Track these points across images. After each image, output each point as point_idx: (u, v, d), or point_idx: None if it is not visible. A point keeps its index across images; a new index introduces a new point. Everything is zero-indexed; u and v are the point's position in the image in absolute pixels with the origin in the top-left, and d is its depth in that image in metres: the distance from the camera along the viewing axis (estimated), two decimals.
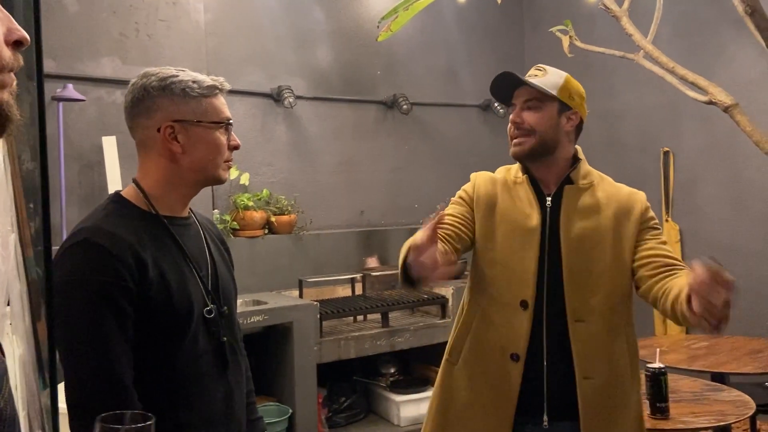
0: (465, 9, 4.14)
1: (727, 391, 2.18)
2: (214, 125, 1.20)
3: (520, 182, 1.58)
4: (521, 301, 1.50)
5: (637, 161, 3.86)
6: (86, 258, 1.06)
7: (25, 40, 0.62)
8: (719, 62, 3.42)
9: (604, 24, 3.56)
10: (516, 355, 1.49)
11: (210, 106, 1.20)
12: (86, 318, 1.05)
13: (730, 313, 1.22)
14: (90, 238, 1.07)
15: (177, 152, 1.17)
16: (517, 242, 1.52)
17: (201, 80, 1.20)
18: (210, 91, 1.20)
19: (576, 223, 1.50)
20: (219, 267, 1.26)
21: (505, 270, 1.53)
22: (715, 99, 2.03)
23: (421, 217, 4.18)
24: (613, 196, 1.54)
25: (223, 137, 1.21)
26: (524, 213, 1.53)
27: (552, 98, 1.50)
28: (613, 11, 2.34)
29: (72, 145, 3.08)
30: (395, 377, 3.49)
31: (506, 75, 1.54)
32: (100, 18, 3.17)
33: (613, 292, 1.50)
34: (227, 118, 1.22)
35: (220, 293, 1.23)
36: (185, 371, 1.14)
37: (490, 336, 1.54)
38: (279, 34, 3.69)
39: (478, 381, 1.55)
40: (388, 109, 4.04)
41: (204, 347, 1.17)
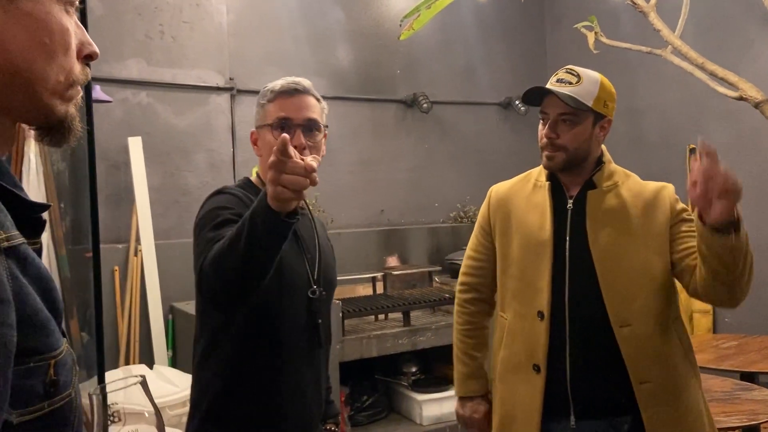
0: (485, 7, 4.12)
1: (758, 391, 2.15)
2: (266, 127, 1.31)
3: (540, 186, 1.56)
4: (538, 311, 1.49)
5: (661, 158, 3.81)
6: (217, 198, 1.27)
7: (96, 54, 0.64)
8: (745, 58, 3.36)
9: (628, 20, 3.52)
10: (537, 366, 1.48)
11: (270, 109, 1.32)
12: (209, 220, 1.22)
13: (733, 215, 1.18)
14: (222, 189, 1.29)
15: (259, 155, 1.34)
16: (531, 254, 1.52)
17: (273, 86, 1.32)
18: (273, 95, 1.31)
19: (603, 228, 1.48)
20: (326, 257, 1.38)
21: (521, 282, 1.54)
22: (746, 95, 2.00)
23: (440, 216, 4.20)
24: (638, 194, 1.51)
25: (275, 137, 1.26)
26: (537, 224, 1.52)
27: (587, 110, 1.47)
28: (641, 6, 2.32)
29: (98, 146, 3.10)
30: (417, 376, 3.49)
31: (538, 88, 1.49)
32: (125, 20, 3.21)
33: (655, 290, 1.47)
34: (279, 118, 1.30)
35: (322, 278, 1.34)
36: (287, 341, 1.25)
37: (516, 349, 1.54)
38: (299, 34, 3.71)
39: (509, 394, 1.56)
40: (407, 108, 4.04)
41: (304, 325, 1.28)
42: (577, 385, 1.46)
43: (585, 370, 1.46)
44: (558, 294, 1.48)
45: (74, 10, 0.62)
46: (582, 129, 1.47)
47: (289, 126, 1.28)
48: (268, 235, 1.03)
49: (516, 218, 1.56)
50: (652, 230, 1.48)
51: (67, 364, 0.58)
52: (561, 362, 1.47)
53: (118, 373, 2.63)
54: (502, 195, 1.62)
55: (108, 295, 3.02)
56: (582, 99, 1.45)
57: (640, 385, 1.43)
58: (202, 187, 3.36)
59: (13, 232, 0.55)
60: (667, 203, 1.50)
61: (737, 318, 3.48)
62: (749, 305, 3.95)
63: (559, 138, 1.47)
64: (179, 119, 3.34)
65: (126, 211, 3.15)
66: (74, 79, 0.62)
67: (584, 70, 1.51)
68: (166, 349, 3.07)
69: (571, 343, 1.46)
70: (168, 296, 3.12)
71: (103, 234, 3.12)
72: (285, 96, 1.30)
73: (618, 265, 1.46)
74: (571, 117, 1.46)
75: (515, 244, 1.55)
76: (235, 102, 3.49)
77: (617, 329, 1.44)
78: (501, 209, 1.60)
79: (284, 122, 1.29)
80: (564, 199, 1.53)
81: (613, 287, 1.45)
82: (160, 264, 3.10)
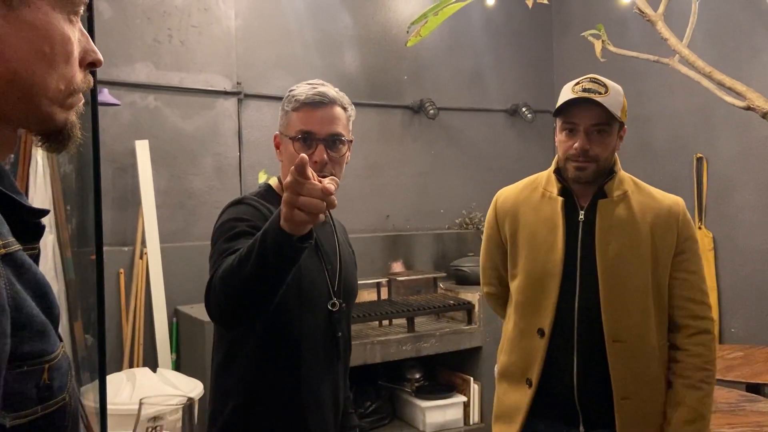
0: (492, 13, 4.13)
1: (764, 402, 2.13)
2: (290, 139, 1.28)
3: (550, 198, 1.54)
4: (538, 329, 1.50)
5: (669, 167, 3.79)
6: (235, 208, 1.25)
7: (99, 62, 0.64)
8: (753, 67, 3.35)
9: (635, 28, 3.52)
10: (529, 380, 1.51)
11: (293, 120, 1.28)
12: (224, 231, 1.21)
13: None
14: (241, 199, 1.28)
15: (281, 160, 1.33)
16: (539, 271, 1.51)
17: (299, 94, 1.28)
18: (297, 104, 1.27)
19: (612, 240, 1.47)
20: (346, 266, 1.35)
21: (524, 297, 1.54)
22: (754, 105, 1.98)
23: (446, 223, 4.19)
24: (649, 207, 1.50)
25: (296, 151, 1.26)
26: (548, 242, 1.50)
27: (617, 121, 1.47)
28: (648, 15, 2.31)
29: (105, 148, 3.14)
30: (420, 383, 3.48)
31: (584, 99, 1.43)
32: (134, 24, 3.23)
33: (651, 308, 1.47)
34: (300, 132, 1.27)
35: (342, 290, 1.32)
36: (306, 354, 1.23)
37: (513, 359, 1.56)
38: (307, 39, 3.72)
39: (504, 396, 1.59)
40: (414, 114, 4.04)
41: (323, 338, 1.26)
42: (585, 398, 1.46)
43: (593, 384, 1.46)
44: (565, 311, 1.48)
45: (78, 18, 0.62)
46: (611, 139, 1.48)
47: (311, 140, 1.25)
48: (277, 257, 0.99)
49: (525, 231, 1.55)
50: (660, 248, 1.48)
51: (62, 368, 0.58)
52: (566, 376, 1.47)
53: (121, 376, 2.64)
54: (510, 203, 1.60)
55: (113, 298, 3.03)
56: (614, 109, 1.45)
57: (621, 401, 1.44)
58: (209, 191, 3.37)
59: (9, 239, 0.56)
60: (675, 227, 1.49)
61: (744, 328, 3.45)
62: (756, 316, 3.93)
63: (591, 149, 1.45)
64: (186, 123, 3.35)
65: (132, 214, 3.16)
66: (75, 87, 0.62)
67: (607, 80, 1.50)
68: (170, 352, 3.07)
69: (578, 358, 1.46)
70: (173, 299, 3.13)
71: (109, 237, 3.14)
72: (309, 108, 1.26)
73: (621, 280, 1.46)
74: (604, 128, 1.46)
75: (523, 257, 1.54)
76: (242, 106, 3.50)
77: (609, 343, 1.44)
78: (509, 218, 1.59)
79: (307, 136, 1.25)
80: (575, 210, 1.51)
81: (612, 302, 1.45)
82: (166, 267, 3.11)
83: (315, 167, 1.23)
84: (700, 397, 1.45)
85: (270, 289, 1.04)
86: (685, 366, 1.47)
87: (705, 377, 1.46)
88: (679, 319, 1.50)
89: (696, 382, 1.46)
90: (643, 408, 1.46)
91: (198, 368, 2.80)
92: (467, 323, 3.38)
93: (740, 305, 3.46)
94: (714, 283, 3.52)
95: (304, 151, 1.25)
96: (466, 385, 3.40)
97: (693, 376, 1.46)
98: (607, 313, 1.44)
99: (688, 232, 1.51)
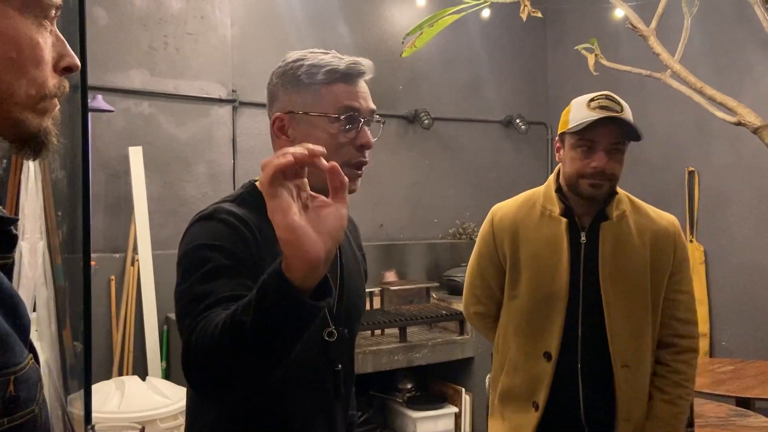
0: (487, 25, 4.15)
1: (753, 417, 2.13)
2: (326, 117, 1.00)
3: (551, 217, 1.50)
4: (544, 352, 1.47)
5: (661, 180, 3.81)
6: (206, 228, 0.98)
7: (76, 67, 0.63)
8: (746, 82, 3.38)
9: (629, 42, 3.54)
10: (536, 404, 1.49)
11: (328, 94, 1.01)
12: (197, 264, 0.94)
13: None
14: (212, 213, 0.99)
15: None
16: (543, 293, 1.47)
17: (327, 63, 1.02)
18: (329, 75, 1.01)
19: (615, 262, 1.46)
20: (351, 282, 1.07)
21: (528, 319, 1.50)
22: (744, 120, 2.00)
23: (440, 232, 4.19)
24: (647, 228, 1.49)
25: (339, 132, 1.01)
26: (551, 264, 1.47)
27: (632, 137, 1.46)
28: (641, 30, 2.33)
29: (99, 155, 3.13)
30: (412, 393, 3.47)
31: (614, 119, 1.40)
32: (129, 31, 3.23)
33: (649, 331, 1.48)
34: (347, 108, 1.01)
35: (344, 314, 1.05)
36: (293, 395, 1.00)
37: (517, 382, 1.52)
38: (303, 48, 3.71)
39: (506, 421, 1.56)
40: (409, 124, 4.05)
41: (315, 373, 1.02)
42: (592, 421, 1.47)
43: (598, 407, 1.47)
44: (570, 334, 1.46)
45: (52, 22, 0.61)
46: (623, 157, 1.47)
47: (356, 120, 1.01)
48: (285, 325, 0.72)
49: (527, 251, 1.50)
50: (657, 273, 1.49)
51: (30, 379, 0.57)
52: (573, 402, 1.47)
53: (110, 384, 2.62)
54: (508, 224, 1.54)
55: (103, 305, 3.02)
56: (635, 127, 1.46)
57: (623, 422, 1.46)
58: (202, 198, 3.36)
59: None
60: (672, 249, 1.49)
61: (734, 342, 3.46)
62: (747, 329, 3.94)
63: (608, 167, 1.43)
64: (181, 130, 3.35)
65: (124, 221, 3.15)
66: (48, 93, 0.61)
67: (614, 95, 1.50)
68: (160, 360, 3.05)
69: (583, 382, 1.46)
70: (164, 307, 3.11)
71: (101, 243, 3.12)
72: (350, 80, 1.02)
73: (624, 303, 1.46)
74: (622, 146, 1.45)
75: (525, 277, 1.50)
76: (237, 114, 3.50)
77: (617, 368, 1.44)
78: (508, 236, 1.53)
79: (353, 115, 1.01)
80: (577, 231, 1.48)
81: (618, 326, 1.45)
82: (157, 274, 3.09)
83: (360, 152, 1.02)
84: (676, 413, 1.47)
85: (275, 363, 0.77)
86: (665, 381, 1.49)
87: (683, 394, 1.48)
88: (666, 338, 1.51)
89: (674, 398, 1.47)
90: (639, 429, 1.48)
91: None
92: (459, 333, 3.37)
93: (731, 319, 3.47)
94: (705, 296, 3.54)
95: (347, 133, 1.01)
96: (457, 395, 3.39)
97: (671, 392, 1.48)
98: (614, 337, 1.44)
99: (683, 254, 1.52)
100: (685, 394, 1.48)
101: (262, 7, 3.61)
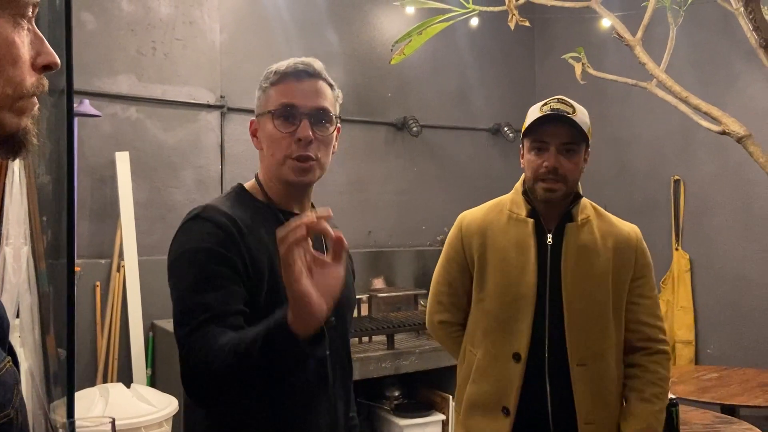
0: (476, 33, 4.18)
1: (738, 424, 2.15)
2: (269, 114, 1.10)
3: (518, 220, 1.52)
4: (513, 353, 1.47)
5: (647, 189, 3.85)
6: (196, 228, 1.04)
7: (55, 64, 0.62)
8: (731, 92, 3.43)
9: (616, 51, 3.58)
10: (506, 409, 1.47)
11: (272, 95, 1.11)
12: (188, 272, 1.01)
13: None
14: (201, 213, 1.06)
15: (259, 148, 1.14)
16: (511, 295, 1.49)
17: (276, 68, 1.12)
18: (276, 77, 1.11)
19: (578, 264, 1.48)
20: None
21: (496, 322, 1.51)
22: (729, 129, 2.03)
23: (428, 240, 4.20)
24: (609, 233, 1.52)
25: (276, 128, 1.09)
26: (519, 265, 1.49)
27: (585, 139, 1.48)
28: (627, 40, 2.36)
29: (85, 160, 3.11)
30: (399, 401, 3.46)
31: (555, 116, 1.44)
32: (117, 36, 3.22)
33: (611, 332, 1.49)
34: (282, 104, 1.09)
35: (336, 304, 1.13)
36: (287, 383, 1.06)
37: (485, 388, 1.51)
38: (293, 55, 3.68)
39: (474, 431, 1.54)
40: (397, 131, 4.06)
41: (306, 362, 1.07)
42: (559, 424, 1.46)
43: (564, 409, 1.46)
44: (537, 335, 1.47)
45: (29, 21, 0.61)
46: (579, 159, 1.48)
47: (294, 115, 1.08)
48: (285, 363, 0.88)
49: (494, 253, 1.52)
50: (619, 275, 1.51)
51: (6, 383, 0.56)
52: (542, 404, 1.46)
53: (94, 391, 2.58)
54: (477, 227, 1.57)
55: (88, 311, 2.98)
56: (584, 128, 1.47)
57: (584, 425, 1.45)
58: (189, 204, 3.34)
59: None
60: (633, 254, 1.52)
61: (719, 350, 3.49)
62: (732, 337, 3.98)
63: (561, 168, 1.45)
64: (168, 135, 3.33)
65: (110, 226, 3.12)
66: (25, 91, 0.60)
67: (569, 99, 1.52)
68: (146, 367, 3.02)
69: (550, 383, 1.46)
70: (149, 313, 3.08)
71: (86, 249, 3.09)
72: (292, 79, 1.11)
73: (585, 304, 1.48)
74: (574, 146, 1.46)
75: (492, 281, 1.52)
76: (225, 120, 3.49)
77: (573, 367, 1.45)
78: (476, 240, 1.55)
79: (289, 110, 1.08)
80: (543, 233, 1.51)
81: (576, 325, 1.47)
82: (143, 280, 3.07)
83: (299, 145, 1.09)
84: (653, 410, 1.46)
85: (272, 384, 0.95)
86: (640, 381, 1.49)
87: (658, 393, 1.48)
88: (636, 342, 1.53)
89: (649, 396, 1.47)
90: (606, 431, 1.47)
91: (174, 384, 2.75)
92: None
93: (716, 327, 3.50)
94: (690, 304, 3.56)
95: (286, 127, 1.08)
96: (445, 403, 3.39)
97: (646, 390, 1.48)
98: (572, 336, 1.46)
99: (645, 260, 1.54)
100: (659, 393, 1.48)
101: (251, 14, 3.61)
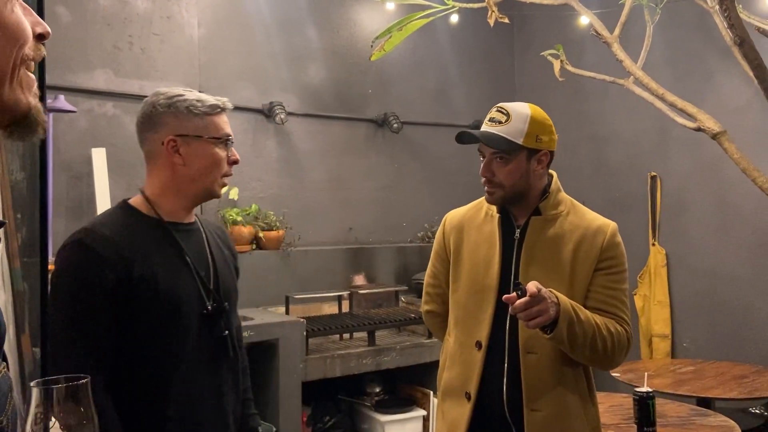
0: (457, 30, 4.19)
1: (713, 416, 2.19)
2: (213, 140, 1.32)
3: (491, 216, 1.61)
4: (476, 341, 1.54)
5: (624, 185, 3.90)
6: (73, 255, 1.20)
7: (47, 33, 0.62)
8: (707, 89, 3.48)
9: (594, 49, 3.62)
10: (468, 394, 1.54)
11: (211, 123, 1.32)
12: (67, 305, 1.18)
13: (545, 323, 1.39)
14: (82, 238, 1.21)
15: (178, 164, 1.29)
16: (478, 285, 1.57)
17: (205, 99, 1.33)
18: (212, 109, 1.33)
19: (536, 255, 1.53)
20: (220, 268, 1.37)
21: (465, 311, 1.59)
22: (704, 126, 2.06)
23: (408, 236, 4.21)
24: (578, 228, 1.54)
25: (222, 152, 1.33)
26: (486, 257, 1.57)
27: (518, 148, 1.50)
28: (605, 37, 2.38)
29: (61, 156, 3.06)
30: (380, 397, 3.46)
31: (466, 134, 1.55)
32: (93, 30, 3.16)
33: None
34: (227, 135, 1.35)
35: (221, 291, 1.33)
36: (174, 363, 1.23)
37: (454, 374, 1.59)
38: (272, 51, 3.70)
39: (445, 414, 1.61)
40: (378, 128, 4.05)
41: (199, 342, 1.26)
42: (514, 410, 1.50)
43: (518, 396, 1.50)
44: (499, 324, 1.53)
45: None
46: (515, 166, 1.51)
47: (229, 142, 1.35)
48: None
49: (467, 247, 1.61)
50: (577, 267, 1.52)
51: (1, 390, 0.55)
52: (498, 390, 1.51)
53: None
54: (456, 222, 1.67)
55: None
56: (511, 137, 1.49)
57: (531, 413, 1.48)
58: None
59: None
60: (598, 247, 1.53)
61: (695, 343, 3.55)
62: (708, 331, 4.04)
63: (495, 176, 1.52)
64: None
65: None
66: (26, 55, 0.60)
67: (515, 106, 1.55)
68: None
69: (508, 371, 1.51)
70: None
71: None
72: (223, 112, 1.35)
73: None
74: (503, 155, 1.51)
75: (464, 273, 1.60)
76: None
77: (523, 354, 1.49)
78: (454, 234, 1.65)
79: (230, 139, 1.35)
80: (513, 228, 1.58)
81: None
82: None
83: (230, 166, 1.36)
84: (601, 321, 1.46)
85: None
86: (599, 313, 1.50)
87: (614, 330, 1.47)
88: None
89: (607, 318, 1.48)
90: (552, 423, 1.48)
91: None
92: (428, 337, 3.38)
93: (692, 321, 3.56)
94: (667, 298, 3.62)
95: (226, 154, 1.34)
96: (425, 398, 3.40)
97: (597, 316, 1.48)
98: (522, 326, 1.49)
99: (612, 252, 1.53)
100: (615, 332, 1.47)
101: (229, 9, 3.57)
